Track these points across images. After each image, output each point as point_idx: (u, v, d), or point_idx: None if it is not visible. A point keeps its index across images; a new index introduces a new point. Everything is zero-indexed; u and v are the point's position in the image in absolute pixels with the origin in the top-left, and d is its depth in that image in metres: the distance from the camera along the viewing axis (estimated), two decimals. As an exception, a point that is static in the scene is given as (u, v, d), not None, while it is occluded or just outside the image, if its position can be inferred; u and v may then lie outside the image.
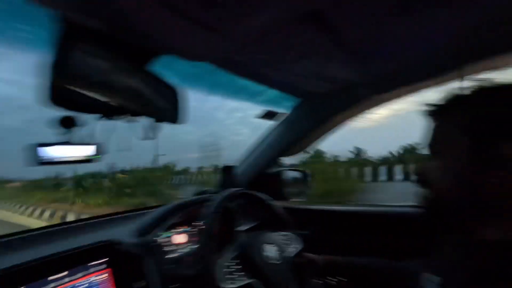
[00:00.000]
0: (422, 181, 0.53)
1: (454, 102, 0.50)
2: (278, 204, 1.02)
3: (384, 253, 0.90)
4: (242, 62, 0.63)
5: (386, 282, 0.80)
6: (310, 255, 0.86)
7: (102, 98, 0.53)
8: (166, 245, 0.97)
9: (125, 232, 0.90)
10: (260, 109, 1.19)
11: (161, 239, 0.97)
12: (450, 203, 0.48)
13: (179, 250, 1.00)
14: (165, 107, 0.62)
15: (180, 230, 1.05)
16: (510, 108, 0.43)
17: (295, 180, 1.46)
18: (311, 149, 1.33)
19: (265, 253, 0.75)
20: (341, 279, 1.09)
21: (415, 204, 0.55)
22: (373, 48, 0.73)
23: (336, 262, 0.85)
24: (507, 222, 0.43)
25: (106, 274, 0.63)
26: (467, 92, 0.48)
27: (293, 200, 1.39)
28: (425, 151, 0.54)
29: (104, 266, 0.64)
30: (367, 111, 1.19)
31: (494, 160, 0.42)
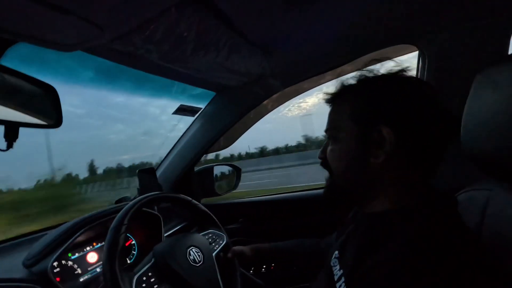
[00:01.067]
0: (324, 164, 0.57)
1: (343, 91, 0.55)
2: (206, 201, 1.00)
3: (309, 233, 0.98)
4: (129, 53, 0.56)
5: (307, 260, 0.85)
6: (238, 247, 0.86)
7: None
8: (77, 267, 0.84)
9: (10, 265, 0.74)
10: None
11: (70, 261, 0.83)
12: (345, 183, 0.53)
13: (94, 270, 0.88)
14: (33, 109, 0.51)
15: (97, 246, 0.93)
16: (386, 95, 0.48)
17: (226, 175, 1.45)
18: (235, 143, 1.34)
19: (185, 257, 0.71)
20: (269, 265, 1.15)
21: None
22: (273, 40, 0.75)
23: (263, 250, 0.87)
24: (389, 195, 0.49)
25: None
26: (352, 82, 0.54)
27: (225, 194, 1.39)
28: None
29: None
30: (285, 101, 1.26)
31: (374, 141, 0.47)
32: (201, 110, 1.12)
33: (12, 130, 0.44)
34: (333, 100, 0.56)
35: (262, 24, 0.66)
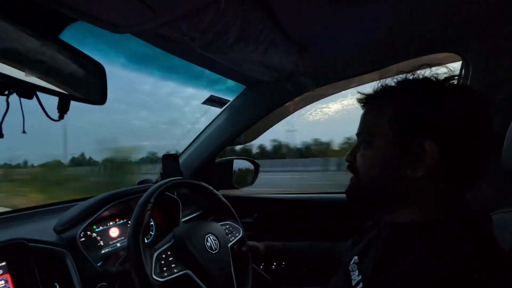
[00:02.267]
0: (350, 167, 0.55)
1: (383, 93, 0.51)
2: (222, 193, 1.01)
3: (322, 236, 0.97)
4: (173, 40, 0.57)
5: (319, 263, 0.85)
6: (252, 242, 0.86)
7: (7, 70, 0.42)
8: (100, 239, 0.89)
9: (42, 229, 0.79)
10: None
11: (94, 233, 0.88)
12: (373, 190, 0.51)
13: (115, 244, 0.92)
14: (83, 84, 0.54)
15: (119, 222, 0.97)
16: (433, 105, 0.45)
17: (245, 169, 1.46)
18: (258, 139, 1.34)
19: (203, 243, 0.73)
20: (280, 263, 1.15)
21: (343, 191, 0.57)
22: (312, 38, 0.74)
23: (276, 248, 0.87)
24: (419, 208, 0.47)
25: (2, 282, 0.53)
26: (395, 86, 0.50)
27: (241, 188, 1.40)
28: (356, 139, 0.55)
29: (0, 271, 0.53)
30: (312, 102, 1.24)
31: (414, 154, 0.45)
32: (229, 102, 1.13)
33: (64, 102, 0.47)
34: (369, 101, 0.53)
35: (305, 21, 0.66)
